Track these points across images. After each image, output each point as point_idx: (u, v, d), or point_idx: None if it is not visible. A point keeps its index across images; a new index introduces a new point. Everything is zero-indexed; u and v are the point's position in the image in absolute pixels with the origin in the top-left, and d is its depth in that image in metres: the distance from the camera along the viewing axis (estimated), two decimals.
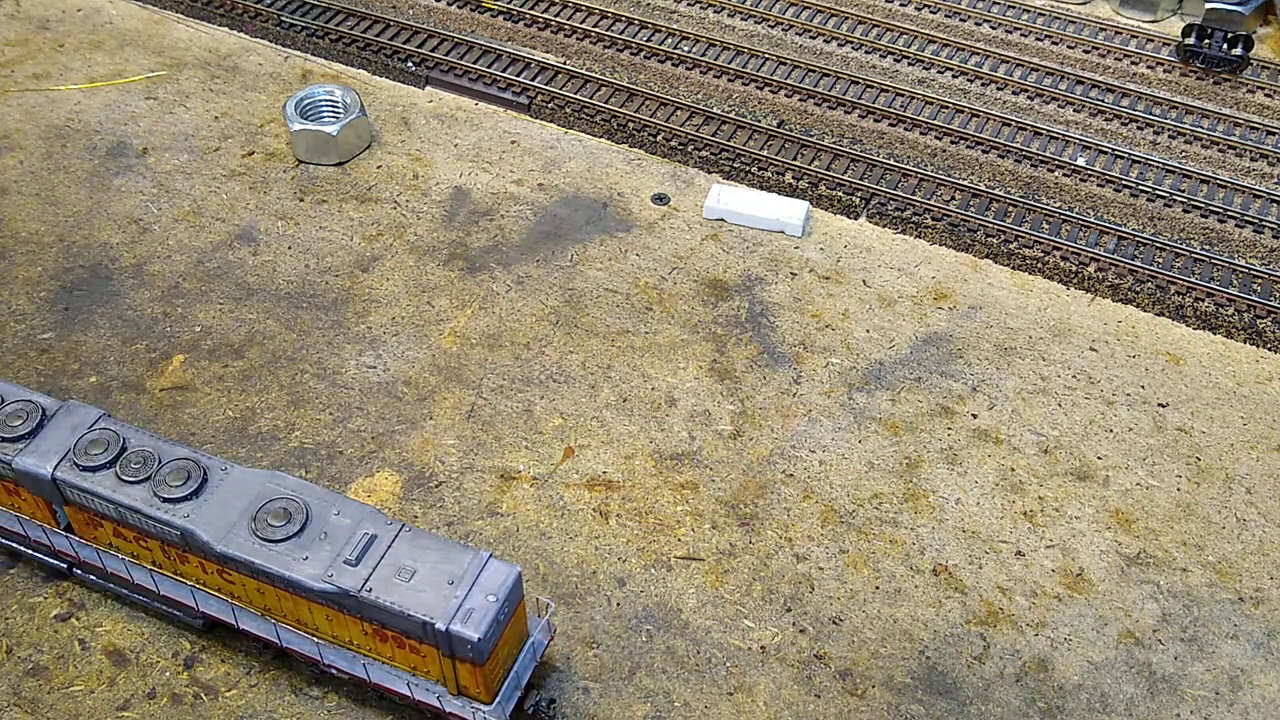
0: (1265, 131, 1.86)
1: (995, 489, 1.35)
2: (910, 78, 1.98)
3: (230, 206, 1.68)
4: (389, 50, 1.97)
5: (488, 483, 1.33)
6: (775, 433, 1.40)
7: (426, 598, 0.99)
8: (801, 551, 1.28)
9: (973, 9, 2.12)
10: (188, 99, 1.88)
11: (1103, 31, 2.07)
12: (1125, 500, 1.34)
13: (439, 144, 1.81)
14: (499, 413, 1.41)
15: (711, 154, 1.79)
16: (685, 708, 1.14)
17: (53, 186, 1.70)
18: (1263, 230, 1.69)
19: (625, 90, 1.90)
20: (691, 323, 1.53)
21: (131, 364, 1.45)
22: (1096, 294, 1.61)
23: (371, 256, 1.61)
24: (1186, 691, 1.17)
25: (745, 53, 2.00)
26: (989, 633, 1.21)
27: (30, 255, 1.59)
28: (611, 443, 1.38)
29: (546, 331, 1.51)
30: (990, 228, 1.67)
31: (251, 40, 2.01)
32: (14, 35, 2.00)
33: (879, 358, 1.50)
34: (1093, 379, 1.48)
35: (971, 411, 1.44)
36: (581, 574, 1.25)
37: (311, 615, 1.06)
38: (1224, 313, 1.56)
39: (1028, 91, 1.94)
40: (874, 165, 1.78)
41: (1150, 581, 1.27)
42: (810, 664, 1.18)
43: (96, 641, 1.18)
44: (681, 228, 1.68)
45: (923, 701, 1.15)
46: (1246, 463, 1.39)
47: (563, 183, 1.75)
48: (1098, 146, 1.82)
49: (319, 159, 1.75)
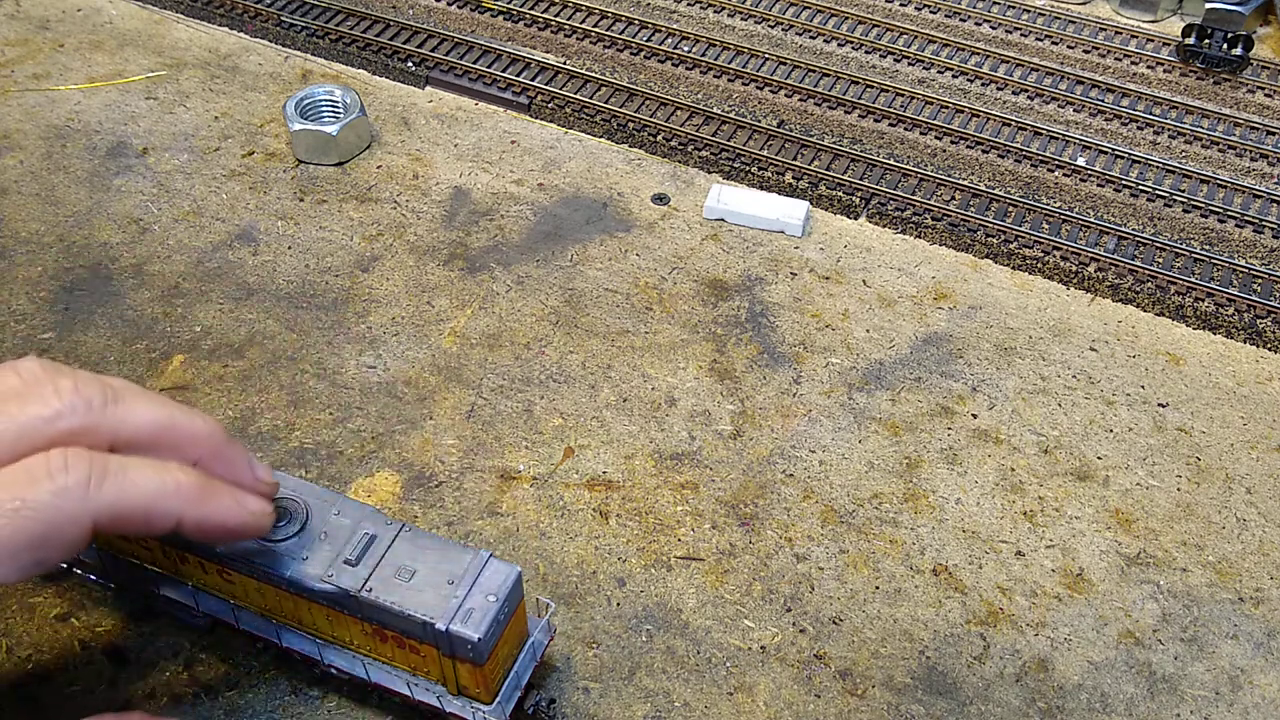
0: (1265, 131, 1.86)
1: (995, 489, 1.35)
2: (910, 78, 1.98)
3: (230, 206, 1.68)
4: (389, 50, 1.97)
5: (488, 483, 1.33)
6: (775, 433, 1.40)
7: (426, 598, 0.99)
8: (801, 551, 1.28)
9: (973, 9, 2.12)
10: (188, 99, 1.88)
11: (1103, 31, 2.07)
12: (1125, 500, 1.34)
13: (439, 144, 1.81)
14: (499, 413, 1.41)
15: (711, 154, 1.79)
16: (685, 708, 1.14)
17: (53, 186, 1.70)
18: (1263, 230, 1.69)
19: (625, 90, 1.90)
20: (691, 323, 1.53)
21: (131, 364, 1.45)
22: (1096, 294, 1.61)
23: (371, 256, 1.61)
24: (1186, 691, 1.17)
25: (745, 53, 2.00)
26: (989, 633, 1.21)
27: (30, 255, 1.59)
28: (611, 443, 1.38)
29: (546, 331, 1.51)
30: (990, 228, 1.67)
31: (251, 40, 2.02)
32: (14, 35, 2.00)
33: (879, 358, 1.50)
34: (1093, 379, 1.48)
35: (971, 411, 1.44)
36: (581, 574, 1.25)
37: (311, 615, 1.06)
38: (1224, 313, 1.56)
39: (1028, 91, 1.94)
40: (874, 165, 1.78)
41: (1150, 581, 1.27)
42: (810, 664, 1.18)
43: (96, 641, 1.18)
44: (681, 228, 1.68)
45: (923, 701, 1.15)
46: (1246, 463, 1.39)
47: (563, 183, 1.75)
48: (1098, 146, 1.83)
49: (319, 159, 1.75)
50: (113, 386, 0.87)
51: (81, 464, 0.81)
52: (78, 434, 0.83)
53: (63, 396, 0.83)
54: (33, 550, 0.79)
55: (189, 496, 0.87)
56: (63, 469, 0.80)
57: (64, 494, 0.79)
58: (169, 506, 0.85)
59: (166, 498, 0.85)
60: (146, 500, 0.84)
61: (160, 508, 0.85)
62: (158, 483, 0.85)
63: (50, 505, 0.79)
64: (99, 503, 0.81)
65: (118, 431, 0.85)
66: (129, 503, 0.83)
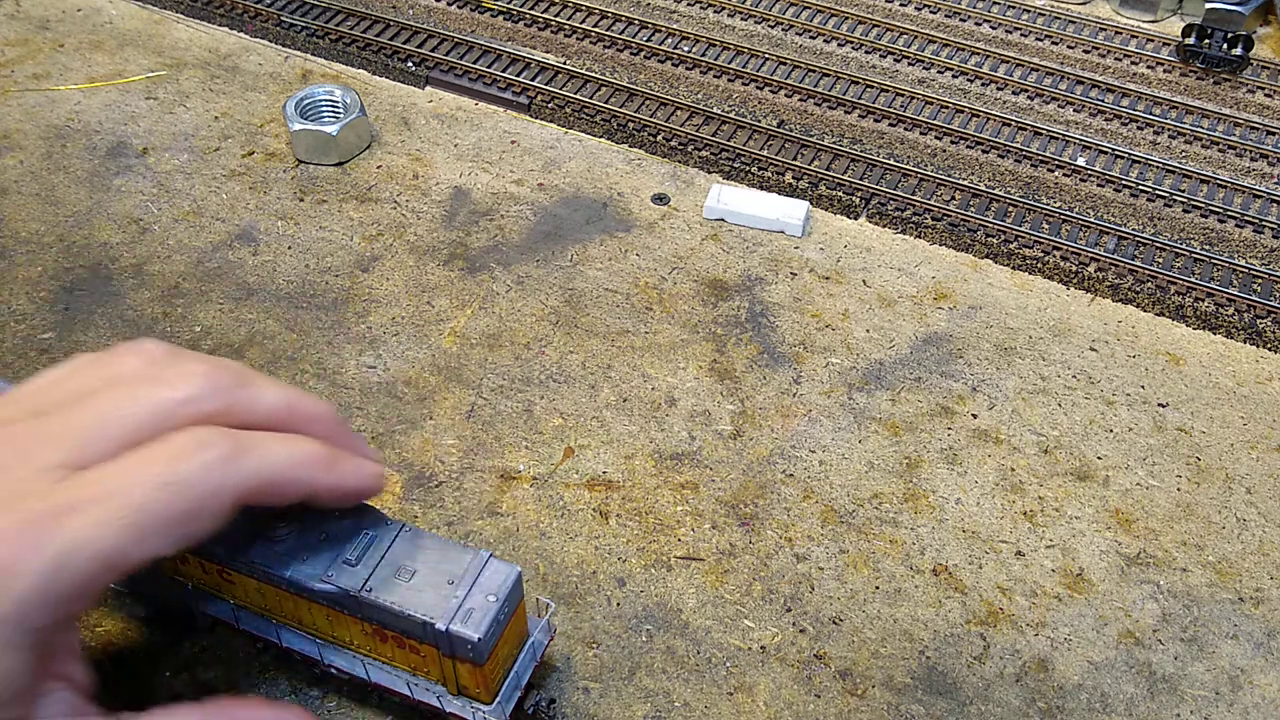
0: (1265, 131, 1.86)
1: (995, 489, 1.35)
2: (910, 78, 1.98)
3: (230, 206, 1.68)
4: (389, 50, 1.97)
5: (488, 483, 1.33)
6: (775, 433, 1.40)
7: (426, 598, 0.99)
8: (801, 551, 1.28)
9: (973, 9, 2.12)
10: (188, 99, 1.88)
11: (1103, 31, 2.07)
12: (1125, 500, 1.34)
13: (439, 144, 1.81)
14: (499, 413, 1.41)
15: (711, 154, 1.79)
16: (685, 708, 1.14)
17: (53, 186, 1.70)
18: (1263, 230, 1.69)
19: (625, 90, 1.90)
20: (691, 323, 1.53)
21: None
22: (1096, 294, 1.61)
23: (371, 256, 1.61)
24: (1186, 691, 1.17)
25: (745, 53, 2.00)
26: (989, 633, 1.21)
27: (30, 255, 1.59)
28: (611, 443, 1.38)
29: (546, 331, 1.51)
30: (990, 228, 1.67)
31: (251, 40, 2.02)
32: (14, 35, 2.00)
33: (879, 358, 1.50)
34: (1093, 379, 1.48)
35: (971, 411, 1.44)
36: (581, 574, 1.25)
37: (311, 615, 1.06)
38: (1224, 313, 1.56)
39: (1028, 91, 1.94)
40: (874, 165, 1.78)
41: (1150, 581, 1.27)
42: (810, 664, 1.18)
43: (96, 641, 1.17)
44: (681, 228, 1.68)
45: (923, 701, 1.15)
46: (1246, 463, 1.39)
47: (563, 183, 1.75)
48: (1098, 146, 1.83)
49: (319, 159, 1.75)
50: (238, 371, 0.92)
51: (222, 440, 0.85)
52: (211, 416, 0.88)
53: (195, 380, 0.88)
54: (183, 524, 0.83)
55: (319, 465, 0.92)
56: (206, 445, 0.84)
57: (209, 468, 0.84)
58: (302, 475, 0.91)
59: (300, 466, 0.90)
60: (283, 470, 0.89)
61: (295, 476, 0.90)
62: (290, 454, 0.90)
63: (197, 480, 0.83)
64: (241, 475, 0.86)
65: (247, 413, 0.90)
66: (268, 473, 0.88)
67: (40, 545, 0.79)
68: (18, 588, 0.78)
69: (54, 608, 0.80)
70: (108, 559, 0.81)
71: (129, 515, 0.80)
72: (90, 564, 0.80)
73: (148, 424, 0.85)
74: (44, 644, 0.82)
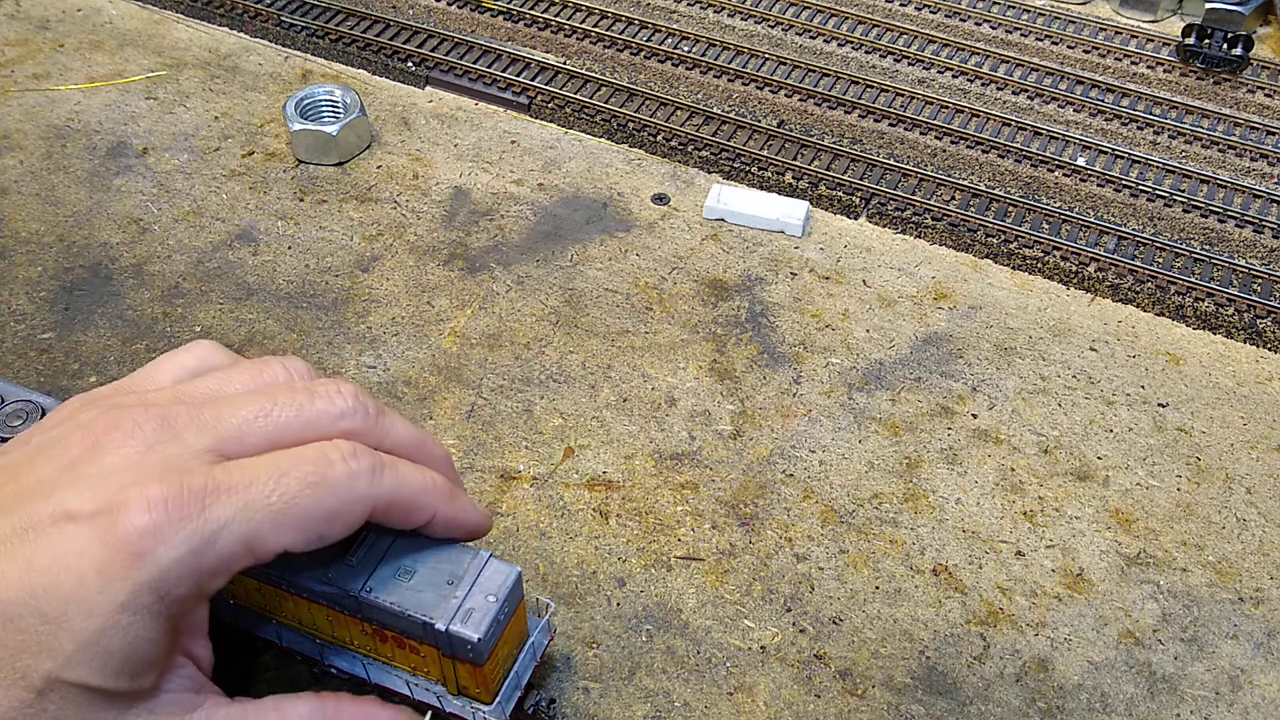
0: (1265, 131, 1.86)
1: (995, 489, 1.35)
2: (910, 78, 1.98)
3: (230, 206, 1.68)
4: (389, 50, 1.97)
5: (488, 483, 1.33)
6: (775, 433, 1.40)
7: (426, 598, 0.99)
8: (801, 551, 1.28)
9: (973, 9, 2.12)
10: (188, 99, 1.88)
11: (1103, 31, 2.07)
12: (1125, 500, 1.34)
13: (439, 144, 1.81)
14: (499, 413, 1.41)
15: (711, 154, 1.79)
16: (685, 708, 1.14)
17: (53, 186, 1.70)
18: (1263, 230, 1.69)
19: (625, 90, 1.90)
20: (691, 323, 1.53)
21: (132, 364, 1.45)
22: (1096, 294, 1.61)
23: (371, 256, 1.61)
24: (1186, 691, 1.17)
25: (745, 53, 2.00)
26: (989, 633, 1.21)
27: (30, 255, 1.59)
28: (611, 443, 1.38)
29: (546, 331, 1.51)
30: (990, 228, 1.67)
31: (251, 40, 2.02)
32: (14, 35, 2.00)
33: (879, 358, 1.50)
34: (1093, 379, 1.48)
35: (971, 411, 1.44)
36: (581, 574, 1.25)
37: (311, 615, 1.06)
38: (1224, 313, 1.56)
39: (1028, 91, 1.94)
40: (874, 165, 1.78)
41: (1150, 581, 1.27)
42: (810, 664, 1.18)
43: None
44: (681, 228, 1.68)
45: (923, 701, 1.15)
46: (1246, 463, 1.39)
47: (563, 183, 1.75)
48: (1098, 146, 1.83)
49: (319, 159, 1.75)
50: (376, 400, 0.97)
51: (368, 455, 0.90)
52: (355, 434, 0.92)
53: (346, 399, 0.93)
54: (322, 524, 0.87)
55: (444, 495, 0.97)
56: (352, 456, 0.89)
57: (355, 477, 0.88)
58: (429, 501, 0.95)
59: (430, 493, 0.95)
60: (414, 493, 0.94)
61: (423, 501, 0.95)
62: (423, 481, 0.95)
63: (343, 485, 0.88)
64: (380, 489, 0.90)
65: (384, 439, 0.95)
66: (402, 493, 0.92)
67: (190, 517, 0.81)
68: (164, 556, 0.80)
69: (193, 581, 0.83)
70: (249, 542, 0.84)
71: (278, 504, 0.84)
72: (234, 544, 0.83)
73: (296, 430, 0.89)
74: (178, 616, 0.85)
